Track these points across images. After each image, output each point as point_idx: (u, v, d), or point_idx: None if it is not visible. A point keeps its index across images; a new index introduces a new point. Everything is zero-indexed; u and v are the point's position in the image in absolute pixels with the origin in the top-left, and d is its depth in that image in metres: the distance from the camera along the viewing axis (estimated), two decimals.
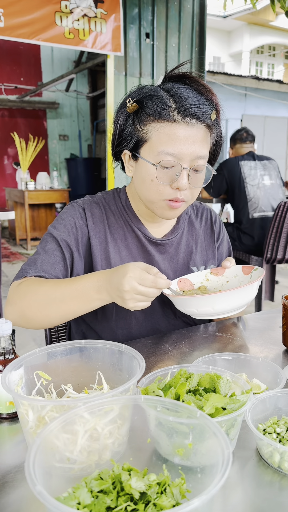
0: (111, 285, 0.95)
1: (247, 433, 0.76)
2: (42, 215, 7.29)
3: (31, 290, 1.04)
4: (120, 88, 5.33)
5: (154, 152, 1.04)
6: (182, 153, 1.02)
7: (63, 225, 1.16)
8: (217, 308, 0.99)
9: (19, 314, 1.05)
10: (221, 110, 1.11)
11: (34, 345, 3.36)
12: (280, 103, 9.72)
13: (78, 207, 1.20)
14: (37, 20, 4.52)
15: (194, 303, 1.01)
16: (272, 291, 3.89)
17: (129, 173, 1.15)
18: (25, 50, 8.33)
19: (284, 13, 3.50)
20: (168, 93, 1.04)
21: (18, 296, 1.05)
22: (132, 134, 1.08)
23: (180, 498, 0.53)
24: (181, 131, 1.02)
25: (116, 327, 1.20)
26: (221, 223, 1.38)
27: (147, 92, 1.06)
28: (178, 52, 5.68)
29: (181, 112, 1.01)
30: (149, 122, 1.04)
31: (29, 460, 0.50)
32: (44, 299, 1.02)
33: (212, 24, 14.92)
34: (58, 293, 1.01)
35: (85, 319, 1.24)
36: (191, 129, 1.02)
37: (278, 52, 17.68)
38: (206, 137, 1.07)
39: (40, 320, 1.04)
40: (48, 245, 1.14)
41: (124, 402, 0.66)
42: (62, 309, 1.01)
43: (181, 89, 1.04)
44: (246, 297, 1.02)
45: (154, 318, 1.24)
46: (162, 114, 1.02)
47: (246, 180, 3.59)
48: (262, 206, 3.60)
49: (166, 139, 1.02)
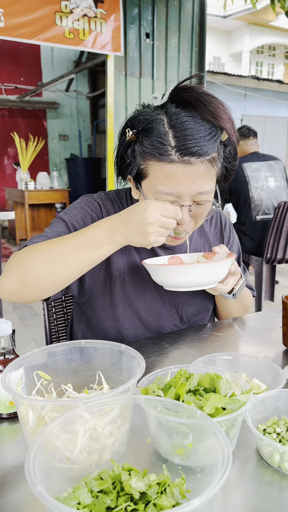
0: (127, 225, 0.93)
1: (247, 433, 0.76)
2: (42, 215, 7.29)
3: (33, 250, 0.97)
4: (120, 88, 5.33)
5: (153, 190, 1.01)
6: (181, 193, 0.99)
7: (75, 212, 1.13)
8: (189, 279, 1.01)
9: (17, 280, 0.96)
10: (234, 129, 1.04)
11: (34, 345, 3.36)
12: (280, 103, 9.72)
13: (94, 200, 1.18)
14: (37, 20, 4.51)
15: (168, 271, 1.02)
16: (272, 291, 3.89)
17: (134, 195, 1.13)
18: (25, 50, 8.33)
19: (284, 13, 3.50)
20: (169, 123, 0.97)
21: (16, 262, 0.97)
22: (133, 165, 1.05)
23: (180, 498, 0.53)
24: (179, 171, 0.97)
25: (122, 326, 1.20)
26: (231, 226, 1.38)
27: (146, 121, 0.99)
28: (178, 52, 5.67)
29: (179, 151, 0.95)
30: (147, 159, 1.00)
31: (29, 460, 0.50)
32: (48, 255, 0.95)
33: (212, 24, 14.92)
34: (64, 246, 0.95)
35: (89, 316, 1.24)
36: (191, 168, 0.97)
37: (278, 52, 17.67)
38: (209, 171, 1.00)
39: (43, 281, 0.96)
40: (57, 227, 1.09)
41: (124, 402, 0.66)
42: (69, 262, 0.94)
43: (183, 120, 0.96)
44: (210, 273, 1.03)
45: (160, 322, 1.24)
46: (157, 155, 0.97)
47: (250, 182, 3.53)
48: (265, 208, 3.55)
49: (163, 178, 0.98)
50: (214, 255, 1.20)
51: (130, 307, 1.20)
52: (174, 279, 1.01)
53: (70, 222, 1.10)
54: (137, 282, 1.19)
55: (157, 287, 1.20)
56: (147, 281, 1.20)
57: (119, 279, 1.17)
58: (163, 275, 1.03)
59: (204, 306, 1.31)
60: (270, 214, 3.58)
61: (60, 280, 0.97)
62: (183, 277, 1.00)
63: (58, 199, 7.14)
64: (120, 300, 1.18)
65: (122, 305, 1.19)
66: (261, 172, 3.57)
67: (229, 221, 1.38)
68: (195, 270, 1.00)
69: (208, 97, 0.99)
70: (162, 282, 1.05)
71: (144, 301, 1.20)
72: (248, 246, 3.66)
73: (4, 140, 8.38)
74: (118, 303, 1.18)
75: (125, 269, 1.18)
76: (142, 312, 1.21)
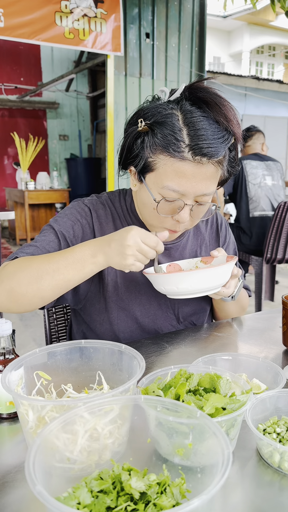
0: (110, 245, 0.95)
1: (247, 433, 0.76)
2: (42, 215, 7.29)
3: (22, 265, 1.00)
4: (120, 88, 5.33)
5: (159, 185, 1.01)
6: (187, 191, 0.99)
7: (65, 220, 1.14)
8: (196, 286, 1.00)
9: (7, 293, 0.99)
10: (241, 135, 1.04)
11: (34, 345, 3.36)
12: (280, 103, 9.72)
13: (84, 206, 1.18)
14: (37, 20, 4.51)
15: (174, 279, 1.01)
16: (272, 291, 3.89)
17: (133, 187, 1.12)
18: (25, 50, 8.33)
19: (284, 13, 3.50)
20: (184, 120, 0.96)
21: (6, 275, 1.01)
22: (140, 156, 1.03)
23: (180, 498, 0.53)
24: (189, 169, 0.97)
25: (118, 330, 1.20)
26: (227, 226, 1.37)
27: (160, 114, 0.98)
28: (178, 52, 5.67)
29: (192, 150, 0.95)
30: (158, 153, 0.99)
31: (29, 460, 0.50)
32: (36, 272, 0.98)
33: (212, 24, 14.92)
34: (51, 263, 0.98)
35: (86, 321, 1.24)
36: (200, 168, 0.97)
37: (278, 52, 17.68)
38: (216, 173, 1.02)
39: (30, 296, 0.99)
40: (46, 236, 1.12)
41: (124, 402, 0.66)
42: (55, 279, 0.97)
43: (198, 120, 0.96)
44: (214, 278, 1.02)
45: (157, 323, 1.24)
46: (171, 150, 0.96)
47: (248, 178, 3.59)
48: (263, 205, 3.60)
49: (172, 175, 0.98)
50: (212, 259, 1.19)
51: (125, 310, 1.19)
52: (180, 286, 1.00)
53: (59, 230, 1.12)
54: (131, 285, 1.19)
55: (152, 289, 1.20)
56: (141, 284, 1.19)
57: (112, 283, 1.17)
58: (168, 283, 1.01)
59: (201, 305, 1.31)
60: (266, 211, 3.61)
61: (46, 296, 1.01)
62: (188, 284, 0.99)
63: (58, 199, 7.14)
64: (114, 304, 1.18)
65: (117, 309, 1.19)
66: (259, 170, 3.62)
67: (225, 221, 1.38)
68: (202, 276, 0.99)
69: (222, 100, 0.99)
70: (167, 290, 1.03)
71: (139, 303, 1.20)
72: (247, 244, 3.68)
73: (4, 140, 8.37)
74: (112, 307, 1.18)
75: (117, 273, 1.17)
76: (138, 314, 1.20)
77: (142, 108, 1.04)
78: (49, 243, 1.10)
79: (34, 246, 1.09)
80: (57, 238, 1.11)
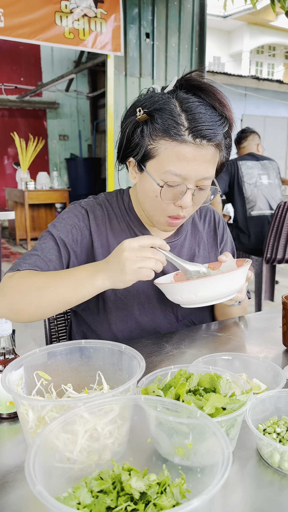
0: (108, 262, 0.95)
1: (247, 433, 0.76)
2: (42, 215, 7.29)
3: (23, 281, 1.03)
4: (120, 88, 5.33)
5: (161, 170, 1.01)
6: (188, 174, 1.00)
7: (63, 225, 1.15)
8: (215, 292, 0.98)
9: (8, 307, 1.03)
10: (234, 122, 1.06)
11: (34, 345, 3.36)
12: (280, 103, 9.72)
13: (81, 208, 1.19)
14: (37, 20, 4.51)
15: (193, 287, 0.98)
16: (272, 291, 3.90)
17: (132, 180, 1.13)
18: (25, 50, 8.33)
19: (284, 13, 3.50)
20: (181, 107, 0.99)
21: (8, 289, 1.03)
22: (140, 145, 1.04)
23: (180, 498, 0.53)
24: (190, 152, 0.98)
25: (116, 330, 1.20)
26: (225, 224, 1.38)
27: (158, 102, 1.01)
28: (178, 52, 5.67)
29: (192, 133, 0.97)
30: (158, 138, 1.00)
31: (29, 460, 0.50)
32: (36, 289, 1.00)
33: (212, 24, 14.91)
34: (51, 282, 1.00)
35: (86, 321, 1.24)
36: (200, 150, 0.99)
37: (278, 52, 17.68)
38: (215, 156, 1.04)
39: (30, 311, 1.02)
40: (46, 242, 1.13)
41: (124, 402, 0.66)
42: (55, 298, 0.99)
43: (195, 105, 0.99)
44: (234, 283, 1.00)
45: (156, 322, 1.24)
46: (172, 133, 0.98)
47: (243, 178, 3.61)
48: (260, 204, 3.61)
49: (174, 159, 0.99)
50: (220, 264, 1.16)
51: (123, 310, 1.19)
52: (199, 294, 0.97)
53: (58, 237, 1.13)
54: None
55: (150, 287, 1.20)
56: (140, 283, 1.19)
57: None
58: (187, 292, 0.98)
59: None
60: (264, 210, 3.62)
61: (46, 313, 1.03)
62: (209, 291, 0.96)
63: (58, 199, 7.14)
64: (112, 304, 1.19)
65: (115, 309, 1.19)
66: (255, 169, 3.64)
67: (223, 220, 1.38)
68: (222, 281, 0.96)
69: (215, 88, 1.02)
70: (184, 299, 1.00)
71: (138, 302, 1.20)
72: (245, 243, 3.68)
73: (4, 140, 8.38)
74: (110, 307, 1.19)
75: None
76: (137, 313, 1.20)
77: (139, 99, 1.07)
78: (49, 251, 1.12)
79: (35, 255, 1.11)
80: (56, 244, 1.13)
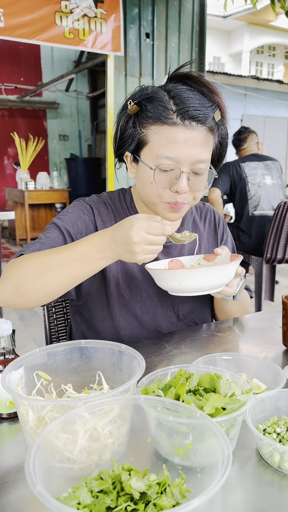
0: (116, 242, 0.92)
1: (247, 433, 0.76)
2: (42, 215, 7.29)
3: (26, 261, 1.00)
4: (120, 88, 5.33)
5: (153, 155, 1.03)
6: (181, 157, 1.01)
7: (68, 217, 1.15)
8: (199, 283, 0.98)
9: (12, 289, 1.00)
10: (226, 110, 1.08)
11: (34, 345, 3.36)
12: (280, 103, 9.72)
13: (86, 204, 1.19)
14: (37, 20, 4.51)
15: (177, 276, 0.99)
16: (272, 291, 3.90)
17: (131, 174, 1.14)
18: (25, 50, 8.33)
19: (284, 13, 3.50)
20: (169, 95, 1.02)
21: (12, 271, 1.01)
22: (133, 136, 1.07)
23: (180, 498, 0.53)
24: (180, 134, 1.00)
25: (119, 326, 1.20)
26: (225, 224, 1.38)
27: (148, 94, 1.05)
28: (178, 52, 5.67)
29: (180, 115, 1.00)
30: (149, 125, 1.03)
31: (29, 460, 0.50)
32: (41, 267, 0.97)
33: (212, 24, 14.91)
34: (56, 258, 0.97)
35: (87, 318, 1.24)
36: (191, 132, 1.01)
37: (278, 52, 17.67)
38: (207, 140, 1.05)
39: (36, 292, 0.99)
40: (51, 232, 1.12)
41: (124, 402, 0.66)
42: (62, 275, 0.96)
43: (182, 91, 1.02)
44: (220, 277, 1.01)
45: (157, 320, 1.24)
46: (161, 117, 1.00)
47: (247, 179, 3.61)
48: (262, 204, 3.62)
49: (165, 142, 1.01)
50: (215, 257, 1.18)
51: (125, 307, 1.20)
52: (183, 283, 0.98)
53: (63, 226, 1.12)
54: (132, 282, 1.19)
55: (152, 286, 1.20)
56: (142, 281, 1.20)
57: (113, 280, 1.18)
58: (172, 280, 1.00)
59: (200, 303, 1.31)
60: (266, 210, 3.62)
61: (51, 292, 1.00)
62: (193, 281, 0.97)
63: (58, 199, 7.14)
64: (116, 300, 1.19)
65: (118, 306, 1.19)
66: (258, 170, 3.65)
67: (223, 219, 1.39)
68: (206, 274, 0.97)
69: (203, 78, 1.07)
70: (170, 287, 1.02)
71: (139, 300, 1.21)
72: (246, 243, 3.68)
73: (4, 140, 8.37)
74: (113, 303, 1.19)
75: (118, 270, 1.18)
76: (138, 311, 1.21)
77: (130, 95, 1.10)
78: (54, 240, 1.10)
79: (39, 243, 1.09)
80: (61, 234, 1.11)
